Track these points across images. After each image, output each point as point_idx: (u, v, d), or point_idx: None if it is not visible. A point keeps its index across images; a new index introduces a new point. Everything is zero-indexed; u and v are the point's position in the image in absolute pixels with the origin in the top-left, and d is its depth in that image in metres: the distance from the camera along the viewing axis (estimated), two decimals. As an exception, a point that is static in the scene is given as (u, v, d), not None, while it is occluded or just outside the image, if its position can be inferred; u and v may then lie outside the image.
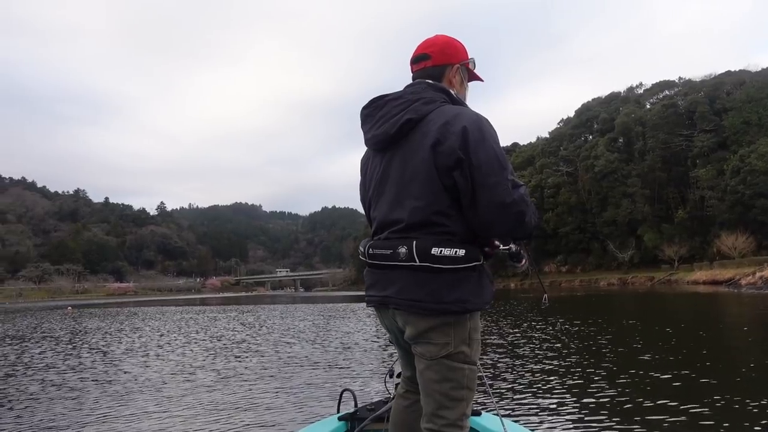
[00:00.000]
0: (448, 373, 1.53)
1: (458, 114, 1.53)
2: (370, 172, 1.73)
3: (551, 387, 5.65)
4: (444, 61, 1.68)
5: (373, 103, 1.68)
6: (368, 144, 1.72)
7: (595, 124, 74.93)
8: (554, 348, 8.66)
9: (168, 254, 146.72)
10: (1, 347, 12.02)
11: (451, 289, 1.49)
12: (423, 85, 1.63)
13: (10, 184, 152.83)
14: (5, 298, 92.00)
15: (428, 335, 1.53)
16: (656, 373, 6.17)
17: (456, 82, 1.70)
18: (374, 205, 1.71)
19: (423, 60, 1.69)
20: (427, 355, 1.55)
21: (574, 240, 68.87)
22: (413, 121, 1.56)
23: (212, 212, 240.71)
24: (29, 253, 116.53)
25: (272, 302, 42.93)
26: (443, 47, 1.69)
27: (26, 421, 5.05)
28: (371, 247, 1.63)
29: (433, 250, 1.48)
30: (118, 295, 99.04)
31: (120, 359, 9.30)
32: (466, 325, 1.55)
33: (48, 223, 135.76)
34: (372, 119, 1.66)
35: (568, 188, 70.82)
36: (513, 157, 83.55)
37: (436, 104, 1.57)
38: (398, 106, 1.59)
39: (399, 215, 1.58)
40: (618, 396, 5.16)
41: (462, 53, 1.73)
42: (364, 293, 1.74)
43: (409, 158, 1.57)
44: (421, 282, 1.50)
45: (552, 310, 18.52)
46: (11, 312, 37.69)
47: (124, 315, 27.03)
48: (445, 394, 1.53)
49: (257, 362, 8.32)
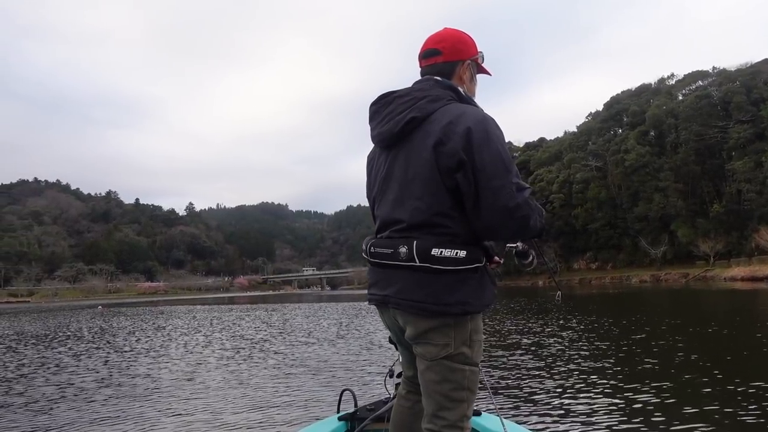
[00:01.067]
0: (449, 374, 1.52)
1: (463, 114, 1.49)
2: (375, 170, 1.71)
3: (552, 387, 5.54)
4: (455, 57, 1.64)
5: (381, 100, 1.65)
6: (374, 141, 1.70)
7: (625, 117, 73.17)
8: (561, 347, 8.44)
9: (197, 254, 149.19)
10: (26, 346, 12.19)
11: (451, 291, 1.48)
12: (431, 82, 1.60)
13: (46, 187, 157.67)
14: (42, 297, 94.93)
15: (428, 336, 1.52)
16: (677, 375, 5.91)
17: (466, 78, 1.67)
18: (378, 203, 1.69)
19: (433, 55, 1.65)
20: (427, 355, 1.54)
21: (604, 236, 67.29)
22: (417, 119, 1.53)
23: (239, 212, 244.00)
24: (64, 253, 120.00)
25: (298, 301, 43.01)
26: (455, 43, 1.65)
27: (27, 419, 5.08)
28: (373, 246, 1.62)
29: (434, 251, 1.47)
30: (149, 294, 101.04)
31: (136, 358, 9.38)
32: (466, 327, 1.53)
33: (81, 225, 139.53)
34: (379, 116, 1.64)
35: (598, 183, 69.23)
36: (539, 153, 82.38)
37: (442, 102, 1.54)
38: (404, 104, 1.57)
39: (401, 215, 1.56)
40: (620, 396, 4.98)
41: (472, 48, 1.68)
42: (367, 291, 1.71)
43: (412, 157, 1.55)
44: (421, 282, 1.49)
45: (580, 307, 17.96)
46: (46, 311, 38.68)
47: (151, 314, 27.39)
48: (445, 395, 1.52)
49: (267, 363, 8.22)
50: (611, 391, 5.25)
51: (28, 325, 20.68)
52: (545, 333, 10.69)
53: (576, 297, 27.08)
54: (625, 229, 65.97)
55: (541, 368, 6.68)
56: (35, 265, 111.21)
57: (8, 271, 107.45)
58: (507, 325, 12.69)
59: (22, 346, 12.15)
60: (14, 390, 6.64)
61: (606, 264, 67.63)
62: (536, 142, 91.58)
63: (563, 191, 70.86)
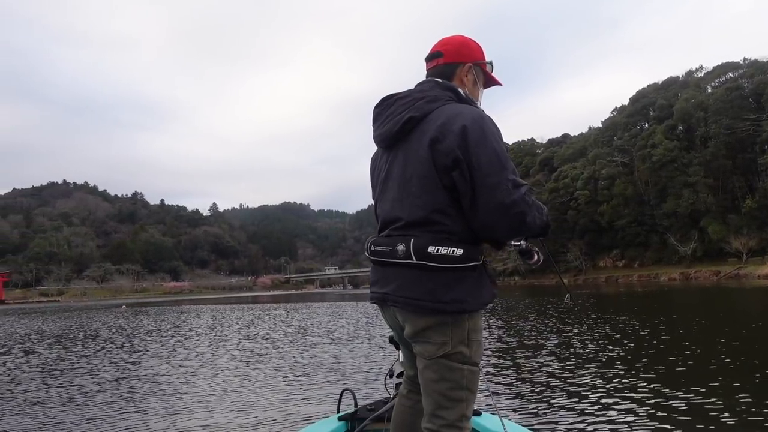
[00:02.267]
0: (447, 374, 1.52)
1: (459, 113, 1.51)
2: (377, 171, 1.74)
3: (553, 387, 5.46)
4: (456, 59, 1.67)
5: (383, 102, 1.68)
6: (375, 142, 1.73)
7: (652, 111, 71.22)
8: (565, 347, 8.24)
9: (220, 253, 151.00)
10: (48, 345, 12.20)
11: (447, 289, 1.48)
12: (431, 84, 1.63)
13: (74, 189, 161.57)
14: (71, 297, 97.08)
15: (426, 334, 1.53)
16: (696, 377, 5.69)
17: (468, 81, 1.69)
18: (379, 202, 1.72)
19: (436, 57, 1.69)
20: (425, 354, 1.54)
21: (631, 233, 65.59)
22: (415, 119, 1.56)
23: (262, 212, 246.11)
24: (92, 254, 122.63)
25: (321, 300, 42.94)
26: (457, 46, 1.69)
27: (37, 415, 5.16)
28: (373, 244, 1.65)
29: (430, 249, 1.47)
30: (175, 294, 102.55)
31: (146, 357, 9.46)
32: (464, 326, 1.53)
33: (109, 225, 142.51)
34: (381, 118, 1.67)
35: (624, 179, 67.53)
36: (563, 149, 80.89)
37: (440, 102, 1.56)
38: (404, 105, 1.60)
39: (399, 213, 1.58)
40: (622, 397, 4.87)
41: (477, 53, 1.70)
42: (369, 290, 1.73)
43: (409, 156, 1.57)
44: (417, 280, 1.50)
45: (601, 306, 17.32)
46: (72, 310, 39.37)
47: (171, 313, 27.59)
48: (443, 394, 1.52)
49: (273, 362, 8.13)
50: (613, 391, 5.12)
51: (51, 324, 20.95)
52: (551, 332, 10.44)
53: (602, 296, 26.31)
54: (652, 225, 64.22)
55: (543, 368, 6.54)
56: (65, 266, 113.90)
57: (39, 271, 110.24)
58: (512, 323, 12.37)
59: (40, 345, 12.17)
60: (26, 387, 6.78)
61: (633, 262, 65.97)
62: (560, 138, 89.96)
63: (588, 188, 69.41)
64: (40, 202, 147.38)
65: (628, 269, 64.35)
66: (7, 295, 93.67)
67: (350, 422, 2.31)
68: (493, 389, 5.38)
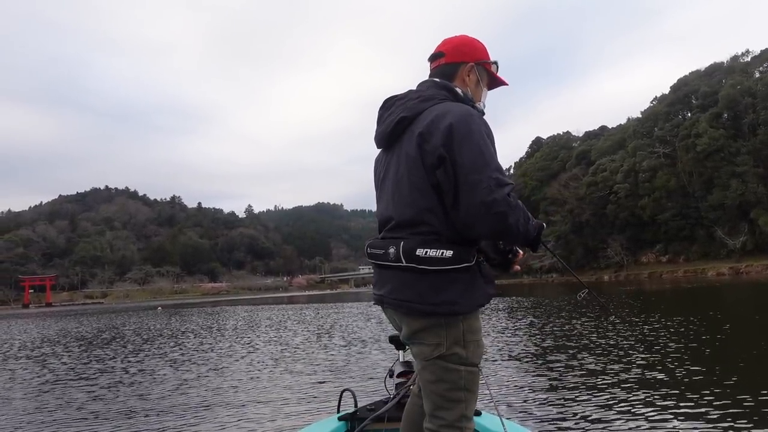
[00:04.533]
0: (444, 375, 1.51)
1: (448, 111, 1.49)
2: (378, 172, 1.75)
3: (554, 386, 5.38)
4: (458, 58, 1.66)
5: (385, 104, 1.70)
6: (375, 143, 1.75)
7: (695, 99, 68.20)
8: (570, 346, 8.04)
9: (256, 254, 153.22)
10: (71, 346, 12.24)
11: (437, 291, 1.47)
12: (429, 83, 1.64)
13: (116, 194, 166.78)
14: (114, 299, 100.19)
15: (420, 336, 1.53)
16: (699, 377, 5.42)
17: (470, 81, 1.66)
18: (377, 203, 1.74)
19: (438, 57, 1.68)
20: (421, 356, 1.55)
21: (675, 227, 62.90)
22: (406, 119, 1.57)
23: (296, 213, 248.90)
24: (134, 256, 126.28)
25: (355, 299, 42.64)
26: (458, 45, 1.68)
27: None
28: (369, 247, 1.67)
29: (418, 251, 1.47)
30: (212, 295, 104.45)
31: (162, 357, 9.63)
32: (459, 327, 1.51)
33: (149, 229, 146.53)
34: (382, 119, 1.69)
35: (666, 171, 64.83)
36: (601, 142, 78.47)
37: (433, 102, 1.55)
38: (400, 105, 1.61)
39: (391, 213, 1.60)
40: (624, 397, 4.75)
41: (479, 52, 1.69)
42: (372, 291, 1.74)
43: (401, 157, 1.58)
44: (408, 283, 1.51)
45: (645, 304, 16.25)
46: (112, 312, 40.26)
47: (204, 314, 27.75)
48: (441, 395, 1.52)
49: (282, 365, 7.99)
50: (614, 391, 5.00)
51: (80, 326, 21.22)
52: (557, 331, 10.19)
53: (645, 293, 25.02)
54: (698, 219, 61.42)
55: (544, 367, 6.45)
56: (108, 268, 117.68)
57: (84, 274, 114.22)
58: (517, 322, 12.08)
59: (60, 347, 12.22)
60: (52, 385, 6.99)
61: (678, 257, 63.22)
62: (597, 131, 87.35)
63: (628, 181, 67.01)
64: (84, 207, 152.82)
65: (673, 265, 61.73)
66: (54, 297, 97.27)
67: (350, 422, 2.29)
68: (493, 389, 5.28)
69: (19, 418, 5.22)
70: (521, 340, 9.23)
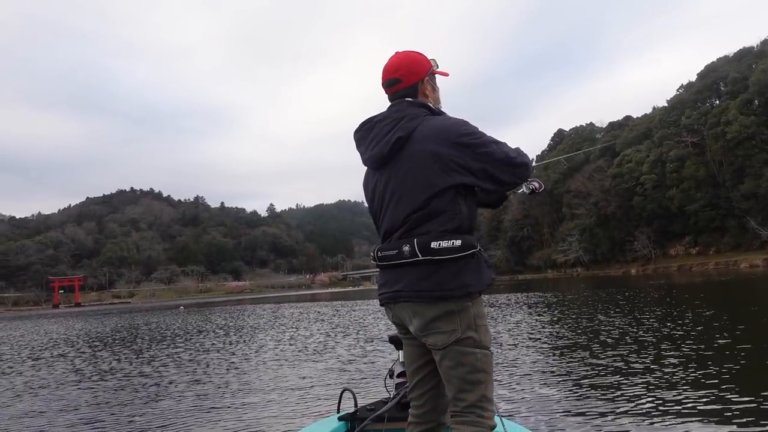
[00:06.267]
0: (462, 359, 1.65)
1: (446, 126, 1.72)
2: (372, 189, 1.87)
3: (555, 386, 5.34)
4: (414, 79, 1.83)
5: (363, 126, 1.86)
6: (366, 164, 1.88)
7: (723, 85, 65.97)
8: (571, 345, 7.98)
9: (279, 253, 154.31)
10: (92, 347, 12.20)
11: (453, 277, 1.64)
12: (405, 104, 1.80)
13: (141, 196, 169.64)
14: (141, 298, 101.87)
15: (435, 324, 1.66)
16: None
17: (429, 91, 1.86)
18: (381, 217, 1.85)
19: (395, 84, 1.83)
20: (438, 344, 1.67)
21: (705, 218, 60.99)
22: (402, 138, 1.72)
23: (318, 211, 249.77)
24: (159, 256, 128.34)
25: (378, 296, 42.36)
26: (410, 66, 1.83)
27: None
28: (379, 251, 1.80)
29: (433, 244, 1.64)
30: (237, 293, 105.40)
31: (163, 358, 9.64)
32: (470, 312, 1.67)
33: (173, 229, 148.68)
34: (365, 141, 1.83)
35: (695, 160, 62.88)
36: (626, 132, 76.70)
37: (420, 119, 1.74)
38: (387, 126, 1.76)
39: (402, 222, 1.74)
40: (624, 397, 4.69)
41: (425, 64, 1.86)
42: (377, 293, 1.86)
43: (406, 171, 1.72)
44: (425, 274, 1.66)
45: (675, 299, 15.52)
46: (136, 311, 40.75)
47: (223, 313, 27.79)
48: (462, 378, 1.66)
49: (285, 365, 7.95)
50: (615, 391, 4.96)
51: (99, 326, 21.35)
52: (560, 328, 10.07)
53: (675, 286, 24.11)
54: (729, 209, 59.38)
55: (544, 367, 6.41)
56: (135, 268, 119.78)
57: (112, 274, 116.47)
58: (521, 321, 11.95)
59: (76, 347, 12.19)
60: None
61: (708, 248, 61.31)
62: (621, 121, 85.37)
63: (655, 171, 65.20)
64: (110, 209, 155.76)
65: (703, 257, 59.88)
66: (83, 297, 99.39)
67: (350, 422, 2.32)
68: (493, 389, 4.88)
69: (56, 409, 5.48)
70: (522, 339, 9.11)
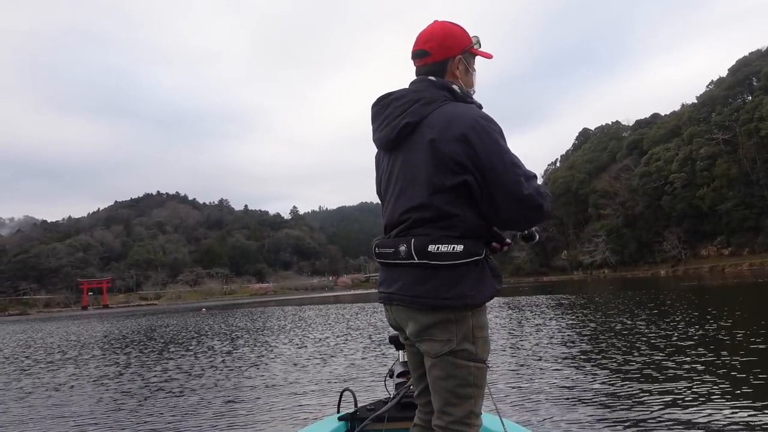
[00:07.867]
0: (454, 371, 1.53)
1: (457, 116, 1.51)
2: (380, 172, 1.75)
3: (555, 386, 5.30)
4: (444, 55, 1.63)
5: (380, 102, 1.69)
6: (375, 144, 1.74)
7: (756, 80, 63.91)
8: (572, 345, 7.92)
9: (302, 255, 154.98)
10: (110, 348, 12.17)
11: (449, 286, 1.50)
12: (425, 83, 1.62)
13: (167, 199, 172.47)
14: (167, 300, 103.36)
15: (430, 332, 1.55)
16: None
17: (460, 72, 1.65)
18: (384, 206, 1.74)
19: (423, 57, 1.65)
20: (431, 352, 1.56)
21: (738, 217, 59.04)
22: (411, 124, 1.57)
23: (340, 213, 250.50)
24: (185, 259, 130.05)
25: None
26: (441, 41, 1.63)
27: None
28: (377, 246, 1.68)
29: (430, 248, 1.50)
30: (261, 295, 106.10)
31: (168, 360, 9.61)
32: (468, 322, 1.54)
33: (198, 232, 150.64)
34: (379, 118, 1.68)
35: (726, 158, 61.02)
36: (654, 130, 74.82)
37: (437, 104, 1.56)
38: (400, 107, 1.60)
39: (401, 215, 1.61)
40: (625, 397, 4.72)
41: (463, 40, 1.65)
42: (378, 290, 1.76)
43: (410, 160, 1.59)
44: (420, 279, 1.54)
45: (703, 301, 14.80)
46: (160, 313, 41.19)
47: (243, 315, 27.83)
48: (450, 391, 1.54)
49: (288, 367, 7.90)
50: (615, 391, 4.95)
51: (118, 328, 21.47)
52: (562, 329, 10.00)
53: (709, 288, 23.16)
54: (764, 207, 57.34)
55: (545, 367, 6.40)
56: (161, 271, 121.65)
57: (139, 276, 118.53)
58: (523, 321, 11.79)
59: (93, 349, 12.17)
60: None
61: (741, 249, 59.30)
62: (649, 119, 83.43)
63: (684, 170, 63.49)
64: (138, 212, 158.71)
65: (736, 258, 57.91)
66: (111, 299, 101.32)
67: (350, 422, 2.30)
68: (493, 389, 5.17)
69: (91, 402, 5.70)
70: (521, 339, 9.03)
